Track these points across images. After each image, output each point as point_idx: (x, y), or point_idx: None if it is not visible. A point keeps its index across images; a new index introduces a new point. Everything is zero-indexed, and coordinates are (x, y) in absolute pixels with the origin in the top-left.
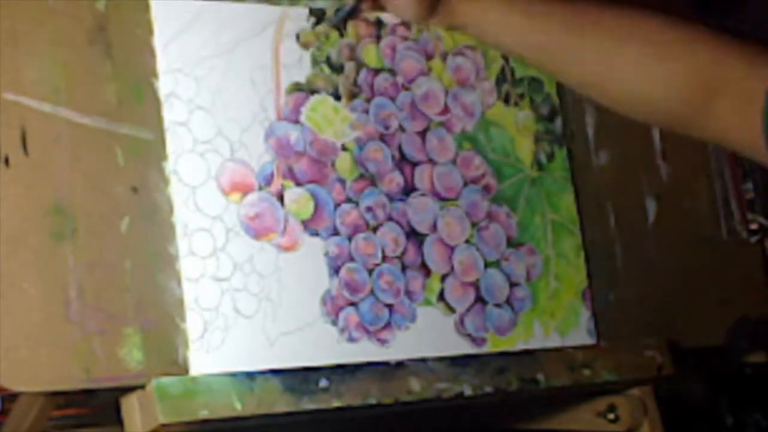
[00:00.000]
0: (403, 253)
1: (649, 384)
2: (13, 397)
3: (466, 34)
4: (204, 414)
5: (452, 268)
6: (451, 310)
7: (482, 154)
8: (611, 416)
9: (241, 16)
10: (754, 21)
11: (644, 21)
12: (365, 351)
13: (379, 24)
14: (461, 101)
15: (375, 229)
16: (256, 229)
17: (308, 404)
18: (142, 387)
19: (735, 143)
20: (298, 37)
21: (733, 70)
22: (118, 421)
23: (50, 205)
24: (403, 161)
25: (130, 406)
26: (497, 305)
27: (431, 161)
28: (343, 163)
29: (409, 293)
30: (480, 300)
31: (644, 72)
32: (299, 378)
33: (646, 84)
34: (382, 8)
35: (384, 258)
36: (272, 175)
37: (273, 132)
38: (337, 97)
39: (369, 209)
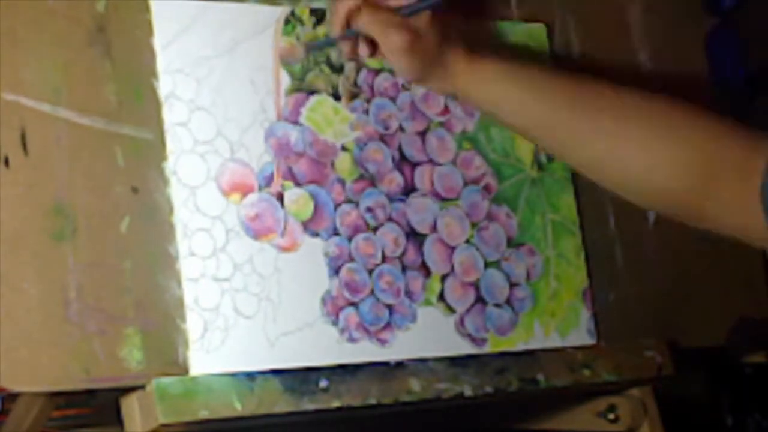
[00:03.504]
0: (403, 253)
1: (649, 384)
2: (13, 397)
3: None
4: (204, 414)
5: (452, 268)
6: (451, 310)
7: (482, 154)
8: (611, 416)
9: (241, 17)
10: (755, 21)
11: (646, 102)
12: (365, 351)
13: None
14: None
15: (375, 230)
16: (256, 230)
17: (308, 404)
18: (142, 387)
19: (734, 227)
20: (298, 37)
21: (732, 151)
22: (118, 421)
23: (50, 206)
24: (403, 161)
25: (130, 406)
26: (497, 305)
27: (431, 161)
28: (343, 163)
29: (409, 293)
30: (480, 300)
31: (646, 153)
32: (299, 378)
33: (648, 166)
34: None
35: (384, 258)
36: (272, 175)
37: (273, 132)
38: (337, 98)
39: (369, 210)
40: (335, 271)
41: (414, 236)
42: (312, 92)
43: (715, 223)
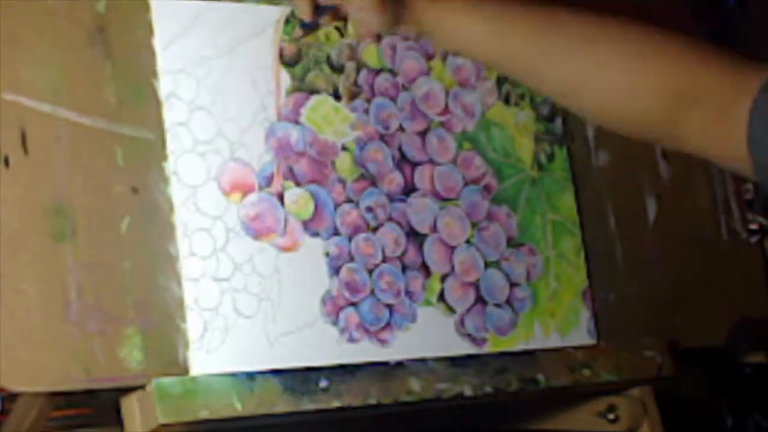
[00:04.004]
0: (404, 253)
1: (649, 384)
2: (13, 397)
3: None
4: (204, 414)
5: (452, 268)
6: (452, 310)
7: (482, 154)
8: (611, 416)
9: (242, 17)
10: (753, 22)
11: (616, 27)
12: (365, 351)
13: None
14: (461, 101)
15: (375, 230)
16: (257, 230)
17: (308, 404)
18: (142, 387)
19: (708, 155)
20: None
21: (706, 79)
22: (118, 421)
23: (50, 206)
24: (403, 161)
25: (130, 406)
26: (497, 305)
27: (431, 161)
28: (344, 163)
29: (409, 293)
30: (480, 300)
31: (614, 79)
32: (299, 378)
33: (616, 91)
34: (344, 18)
35: (384, 258)
36: (272, 175)
37: (273, 132)
38: (338, 98)
39: (369, 209)
40: (335, 270)
41: (414, 236)
42: (312, 92)
43: (687, 147)
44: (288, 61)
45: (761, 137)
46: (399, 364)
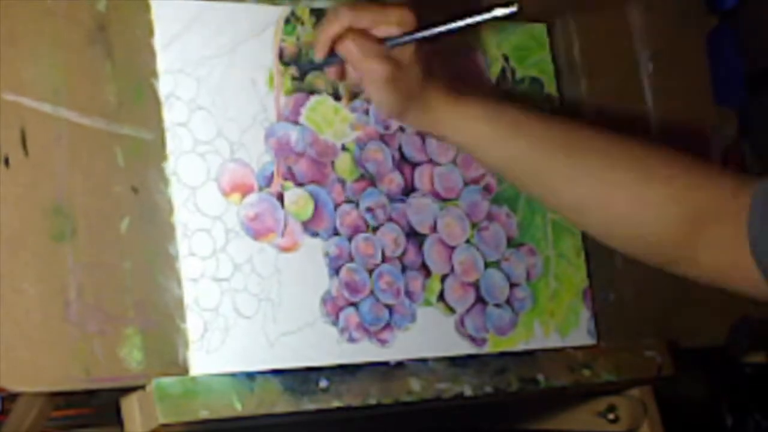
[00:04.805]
0: (403, 253)
1: (649, 384)
2: (13, 397)
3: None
4: (204, 414)
5: (452, 268)
6: (451, 310)
7: None
8: (611, 416)
9: (242, 17)
10: (756, 20)
11: (631, 146)
12: (365, 351)
13: None
14: None
15: (375, 230)
16: (256, 230)
17: (308, 404)
18: (142, 387)
19: (722, 269)
20: (298, 37)
21: (722, 190)
22: (118, 421)
23: (50, 206)
24: (403, 161)
25: (130, 406)
26: (497, 305)
27: (431, 161)
28: (343, 163)
29: (409, 294)
30: (480, 300)
31: (634, 196)
32: (299, 378)
33: (636, 208)
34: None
35: (384, 258)
36: (272, 175)
37: (273, 132)
38: (337, 98)
39: (369, 210)
40: (335, 271)
41: (414, 236)
42: (312, 92)
43: (702, 268)
44: (288, 61)
45: (760, 236)
46: (399, 364)
